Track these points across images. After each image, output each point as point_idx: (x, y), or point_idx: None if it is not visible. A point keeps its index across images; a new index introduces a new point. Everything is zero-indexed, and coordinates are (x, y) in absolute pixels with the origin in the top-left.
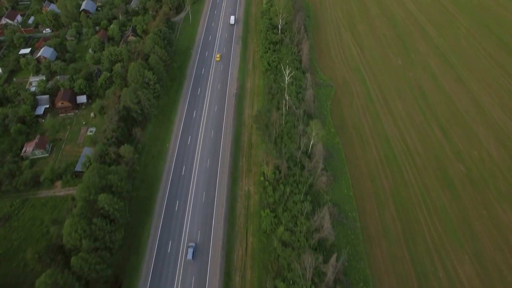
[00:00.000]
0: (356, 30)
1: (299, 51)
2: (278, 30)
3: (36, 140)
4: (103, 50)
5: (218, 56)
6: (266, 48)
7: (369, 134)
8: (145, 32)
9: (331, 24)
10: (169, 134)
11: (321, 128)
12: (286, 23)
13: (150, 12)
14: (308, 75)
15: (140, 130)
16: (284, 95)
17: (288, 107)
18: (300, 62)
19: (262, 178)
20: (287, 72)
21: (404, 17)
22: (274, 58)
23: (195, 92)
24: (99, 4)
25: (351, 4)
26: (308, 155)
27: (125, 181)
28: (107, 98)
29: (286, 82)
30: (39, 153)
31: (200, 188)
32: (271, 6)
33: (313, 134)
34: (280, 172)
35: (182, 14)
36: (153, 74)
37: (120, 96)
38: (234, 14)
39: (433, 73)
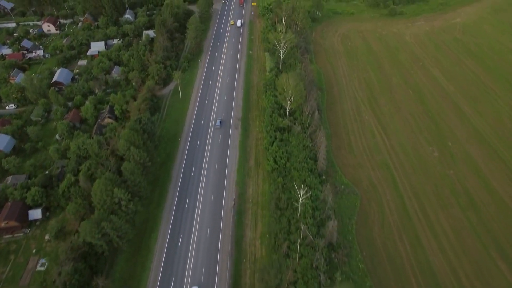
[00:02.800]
0: (378, 107)
1: (313, 144)
2: (286, 112)
3: None
4: (73, 137)
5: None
6: (271, 137)
7: (409, 269)
8: (125, 113)
9: (348, 99)
10: (146, 272)
11: None
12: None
13: (133, 84)
14: (328, 186)
15: (106, 272)
16: (297, 214)
17: (303, 237)
18: (315, 160)
19: None
20: (302, 191)
21: (431, 88)
22: (282, 153)
23: (182, 204)
24: (77, 71)
25: (369, 72)
26: None
27: None
28: (66, 221)
29: (300, 202)
30: None
31: None
32: (276, 75)
33: None
34: None
35: (171, 85)
36: (127, 191)
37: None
38: (233, 86)
39: (479, 170)
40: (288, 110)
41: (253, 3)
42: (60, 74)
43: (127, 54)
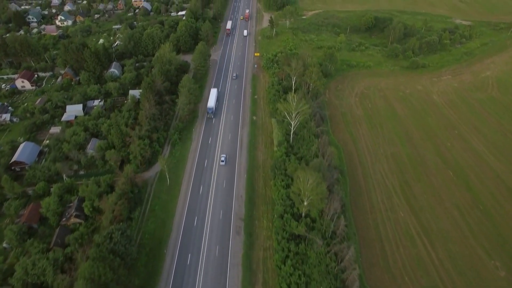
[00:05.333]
0: (414, 197)
1: (338, 263)
2: (301, 213)
3: None
4: (24, 248)
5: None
6: (283, 249)
7: None
8: (97, 210)
9: (377, 186)
10: None
11: None
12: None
13: (112, 164)
14: None
15: None
16: None
17: None
18: None
19: None
20: None
21: (475, 167)
22: (299, 276)
23: None
24: (47, 142)
25: (397, 145)
26: None
27: None
28: None
29: None
30: None
31: None
32: (287, 153)
33: None
34: None
35: (157, 167)
36: None
37: None
38: (233, 168)
39: None
40: (303, 212)
41: (255, 54)
42: (23, 151)
43: (107, 123)
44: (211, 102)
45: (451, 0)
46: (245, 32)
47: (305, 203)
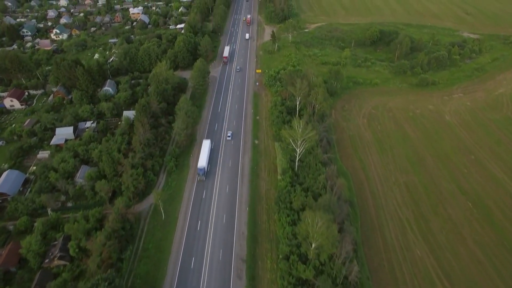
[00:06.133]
0: (431, 233)
1: None
2: (308, 257)
3: None
4: None
5: None
6: None
7: None
8: (84, 251)
9: (390, 220)
10: None
11: None
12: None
13: (103, 195)
14: None
15: None
16: None
17: None
18: None
19: None
20: None
21: (496, 197)
22: None
23: None
24: (33, 169)
25: (409, 172)
26: None
27: None
28: None
29: None
30: None
31: None
32: (292, 183)
33: None
34: None
35: (151, 198)
36: None
37: None
38: (234, 199)
39: None
40: (311, 256)
41: (257, 70)
42: (6, 180)
43: (98, 149)
44: (202, 161)
45: (457, 12)
46: (247, 36)
47: (314, 246)
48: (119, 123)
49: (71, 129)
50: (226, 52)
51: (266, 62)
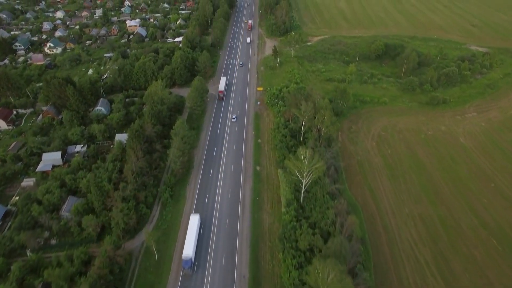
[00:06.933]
0: (453, 276)
1: None
2: None
3: None
4: None
5: None
6: None
7: None
8: None
9: (405, 260)
10: None
11: None
12: None
13: (90, 231)
14: None
15: None
16: None
17: None
18: None
19: None
20: None
21: None
22: None
23: None
24: (16, 199)
25: (424, 203)
26: None
27: None
28: None
29: None
30: None
31: None
32: (297, 217)
33: None
34: None
35: (144, 234)
36: None
37: None
38: (234, 235)
39: None
40: None
41: (258, 88)
42: None
43: (87, 178)
44: (188, 249)
45: (462, 24)
46: (248, 40)
47: None
48: (111, 146)
49: (59, 154)
50: (222, 85)
51: (267, 78)
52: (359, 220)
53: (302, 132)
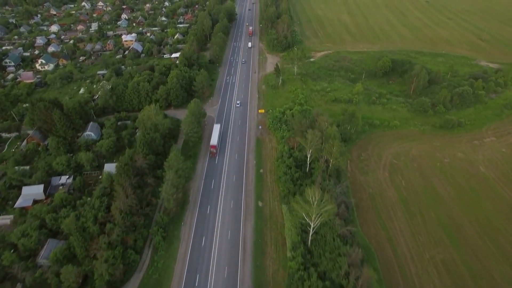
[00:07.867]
0: None
1: None
2: None
3: None
4: None
5: None
6: None
7: None
8: None
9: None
10: None
11: None
12: None
13: (70, 283)
14: None
15: None
16: None
17: None
18: None
19: None
20: None
21: None
22: None
23: None
24: None
25: (446, 245)
26: None
27: None
28: None
29: None
30: None
31: None
32: (304, 265)
33: None
34: None
35: (136, 279)
36: None
37: None
38: (235, 286)
39: None
40: None
41: (260, 110)
42: None
43: (70, 217)
44: None
45: (470, 39)
46: (249, 44)
47: None
48: (100, 177)
49: (41, 187)
50: (214, 138)
51: (269, 98)
52: (375, 268)
53: (308, 162)
